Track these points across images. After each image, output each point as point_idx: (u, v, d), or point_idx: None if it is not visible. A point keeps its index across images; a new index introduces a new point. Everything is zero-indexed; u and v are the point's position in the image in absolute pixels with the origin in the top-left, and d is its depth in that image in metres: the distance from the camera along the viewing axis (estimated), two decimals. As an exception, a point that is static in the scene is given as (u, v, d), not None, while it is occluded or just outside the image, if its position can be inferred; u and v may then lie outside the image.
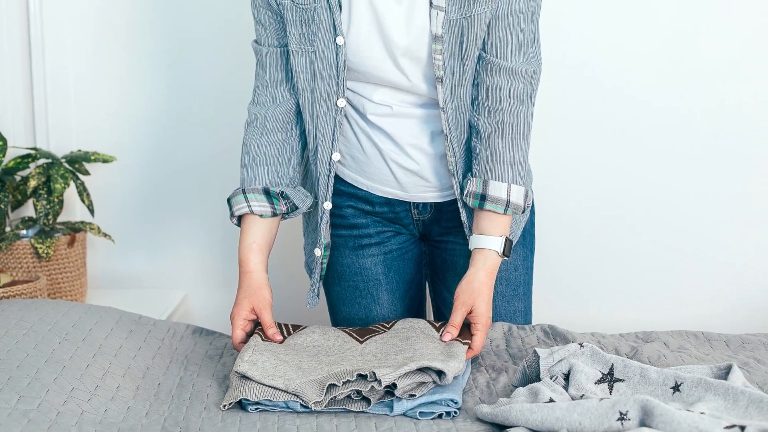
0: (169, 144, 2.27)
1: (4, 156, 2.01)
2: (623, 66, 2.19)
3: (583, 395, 1.27)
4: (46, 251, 1.97)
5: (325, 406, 1.28)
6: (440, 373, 1.31)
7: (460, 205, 1.54)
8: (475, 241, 1.50)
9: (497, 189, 1.48)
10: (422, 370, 1.30)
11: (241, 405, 1.31)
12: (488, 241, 1.48)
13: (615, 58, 2.19)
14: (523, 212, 1.52)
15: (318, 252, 1.59)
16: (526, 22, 1.45)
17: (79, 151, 2.14)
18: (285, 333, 1.48)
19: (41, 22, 2.20)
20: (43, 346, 1.37)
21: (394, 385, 1.28)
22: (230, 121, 2.17)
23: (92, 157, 2.10)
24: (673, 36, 2.17)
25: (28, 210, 2.20)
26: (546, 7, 1.62)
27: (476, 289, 1.46)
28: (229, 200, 1.57)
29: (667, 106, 2.20)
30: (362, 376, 1.29)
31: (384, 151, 1.54)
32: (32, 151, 2.08)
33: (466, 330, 1.47)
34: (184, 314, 2.27)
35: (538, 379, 1.35)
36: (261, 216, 1.55)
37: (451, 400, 1.29)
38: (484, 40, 1.46)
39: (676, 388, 1.27)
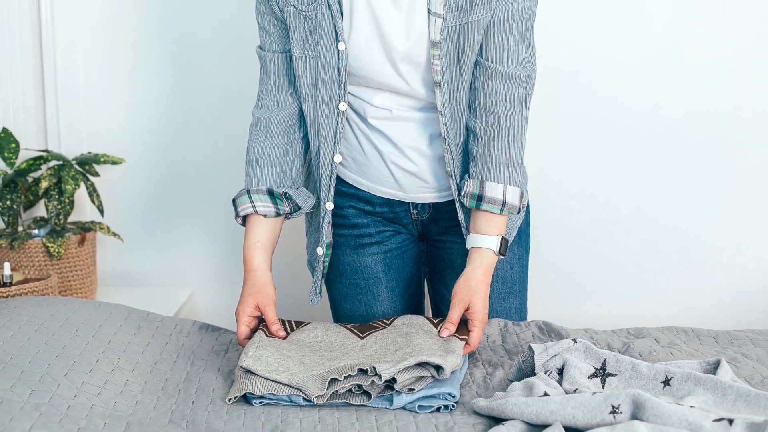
0: (176, 146, 2.28)
1: (16, 158, 2.03)
2: (616, 73, 2.20)
3: (576, 389, 1.28)
4: (57, 250, 1.98)
5: (326, 400, 1.30)
6: (438, 368, 1.32)
7: (457, 205, 1.55)
8: (472, 240, 1.51)
9: (493, 190, 1.49)
10: (421, 365, 1.32)
11: (246, 399, 1.32)
12: (485, 241, 1.50)
13: (608, 66, 2.20)
14: (519, 212, 1.53)
15: (320, 251, 1.61)
16: (522, 28, 1.46)
17: (89, 153, 2.16)
18: (288, 329, 1.50)
19: (53, 28, 2.22)
20: (55, 342, 1.38)
21: (393, 380, 1.29)
22: (235, 124, 2.19)
23: (102, 159, 2.12)
24: (665, 44, 2.18)
25: (40, 210, 2.22)
26: (542, 16, 1.64)
27: (473, 287, 1.48)
28: (234, 201, 1.59)
29: (658, 112, 2.21)
30: (363, 371, 1.31)
31: (384, 153, 1.56)
32: (44, 153, 2.10)
33: (464, 326, 1.48)
34: (191, 311, 2.28)
35: (533, 373, 1.36)
36: (265, 216, 1.56)
37: (449, 394, 1.31)
38: (480, 45, 1.47)
39: (666, 382, 1.28)
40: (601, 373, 1.33)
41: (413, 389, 1.30)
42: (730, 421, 1.11)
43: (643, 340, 1.55)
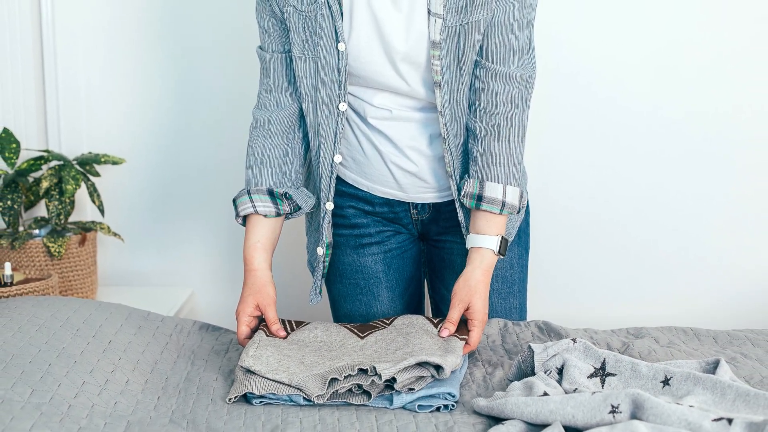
0: (177, 147, 2.29)
1: (17, 158, 2.03)
2: (616, 74, 2.20)
3: (576, 389, 1.28)
4: (58, 250, 1.98)
5: (327, 400, 1.30)
6: (438, 368, 1.32)
7: (457, 205, 1.56)
8: (472, 240, 1.52)
9: (493, 190, 1.50)
10: (421, 364, 1.32)
11: (246, 398, 1.33)
12: (485, 240, 1.50)
13: (608, 67, 2.20)
14: (519, 212, 1.53)
15: (320, 251, 1.61)
16: (521, 28, 1.47)
17: (90, 153, 2.16)
18: (288, 329, 1.50)
19: (53, 29, 2.22)
20: (55, 342, 1.38)
21: (393, 379, 1.29)
22: (235, 124, 2.19)
23: (102, 159, 2.12)
24: (665, 45, 2.19)
25: (41, 210, 2.23)
26: (542, 17, 1.64)
27: (473, 287, 1.48)
28: (234, 201, 1.59)
29: (658, 112, 2.21)
30: (363, 371, 1.31)
31: (384, 154, 1.56)
32: (44, 154, 2.10)
33: (464, 326, 1.48)
34: (191, 311, 2.28)
35: (532, 373, 1.36)
36: (265, 216, 1.57)
37: (449, 394, 1.31)
38: (480, 46, 1.47)
39: (665, 382, 1.28)
40: (601, 372, 1.33)
41: (413, 389, 1.30)
42: (730, 421, 1.11)
43: (643, 339, 1.55)
